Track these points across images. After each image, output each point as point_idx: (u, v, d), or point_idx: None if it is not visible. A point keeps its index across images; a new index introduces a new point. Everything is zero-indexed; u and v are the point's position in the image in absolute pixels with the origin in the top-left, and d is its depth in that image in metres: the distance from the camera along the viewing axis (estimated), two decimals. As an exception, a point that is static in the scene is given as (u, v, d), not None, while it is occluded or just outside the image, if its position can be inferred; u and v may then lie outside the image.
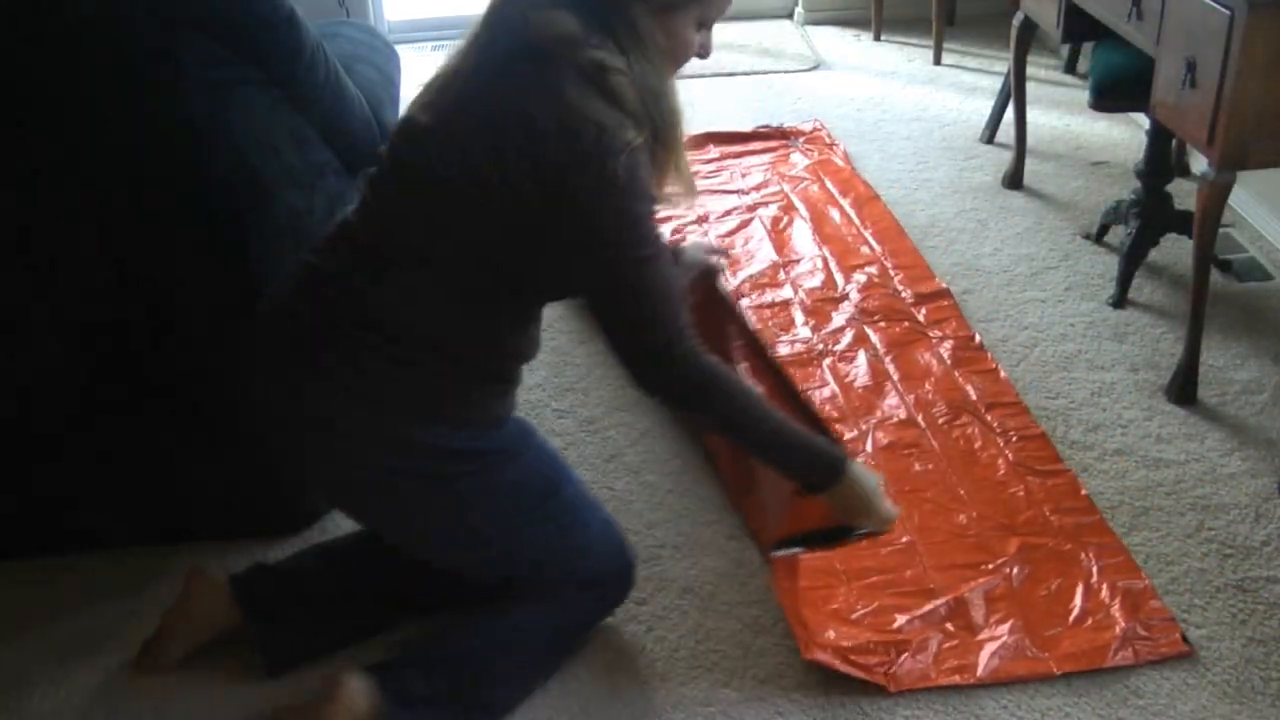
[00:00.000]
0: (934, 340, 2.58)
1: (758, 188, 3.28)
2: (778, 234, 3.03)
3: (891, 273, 2.84)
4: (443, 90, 1.60)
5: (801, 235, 3.02)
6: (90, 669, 1.89)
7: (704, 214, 3.14)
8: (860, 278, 2.82)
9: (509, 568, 1.75)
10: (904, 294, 2.76)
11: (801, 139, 3.57)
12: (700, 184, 3.24)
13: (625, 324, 1.61)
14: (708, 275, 2.28)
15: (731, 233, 3.05)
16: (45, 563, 2.10)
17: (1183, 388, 2.41)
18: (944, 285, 2.79)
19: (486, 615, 1.76)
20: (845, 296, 2.74)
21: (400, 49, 2.65)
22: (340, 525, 2.13)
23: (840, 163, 3.42)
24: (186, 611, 1.84)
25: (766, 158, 3.47)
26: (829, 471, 1.71)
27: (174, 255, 1.87)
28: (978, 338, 2.60)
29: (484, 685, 1.72)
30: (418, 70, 4.28)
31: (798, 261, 2.91)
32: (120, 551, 2.11)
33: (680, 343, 1.60)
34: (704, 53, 1.66)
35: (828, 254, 2.92)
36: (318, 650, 1.85)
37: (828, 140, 3.57)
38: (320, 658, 1.84)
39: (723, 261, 2.22)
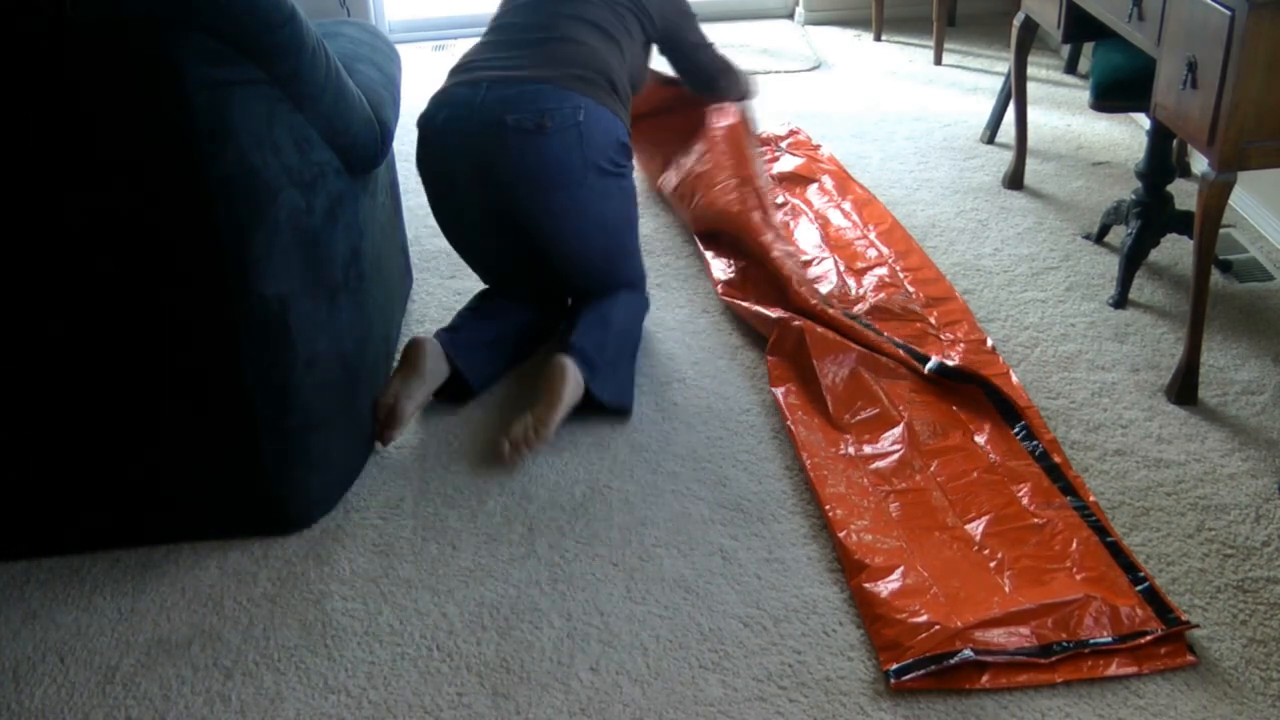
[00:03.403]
0: (946, 344, 2.57)
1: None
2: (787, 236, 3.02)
3: (901, 275, 2.83)
4: None
5: (808, 237, 3.02)
6: (90, 669, 1.89)
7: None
8: (871, 280, 2.81)
9: (632, 261, 2.57)
10: (916, 296, 2.75)
11: (785, 143, 3.56)
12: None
13: (704, 53, 2.93)
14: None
15: None
16: (45, 563, 2.10)
17: (1183, 388, 2.41)
18: (954, 288, 2.79)
19: (617, 303, 2.49)
20: (861, 299, 2.73)
21: (401, 49, 2.65)
22: (341, 527, 2.14)
23: (829, 164, 3.41)
24: (417, 371, 2.34)
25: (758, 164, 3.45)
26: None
27: (174, 254, 1.87)
28: (989, 341, 2.59)
29: (626, 357, 2.49)
30: (418, 70, 4.29)
31: (808, 265, 2.88)
32: (120, 551, 2.12)
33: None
34: None
35: (837, 257, 2.91)
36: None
37: (810, 143, 3.56)
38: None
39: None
